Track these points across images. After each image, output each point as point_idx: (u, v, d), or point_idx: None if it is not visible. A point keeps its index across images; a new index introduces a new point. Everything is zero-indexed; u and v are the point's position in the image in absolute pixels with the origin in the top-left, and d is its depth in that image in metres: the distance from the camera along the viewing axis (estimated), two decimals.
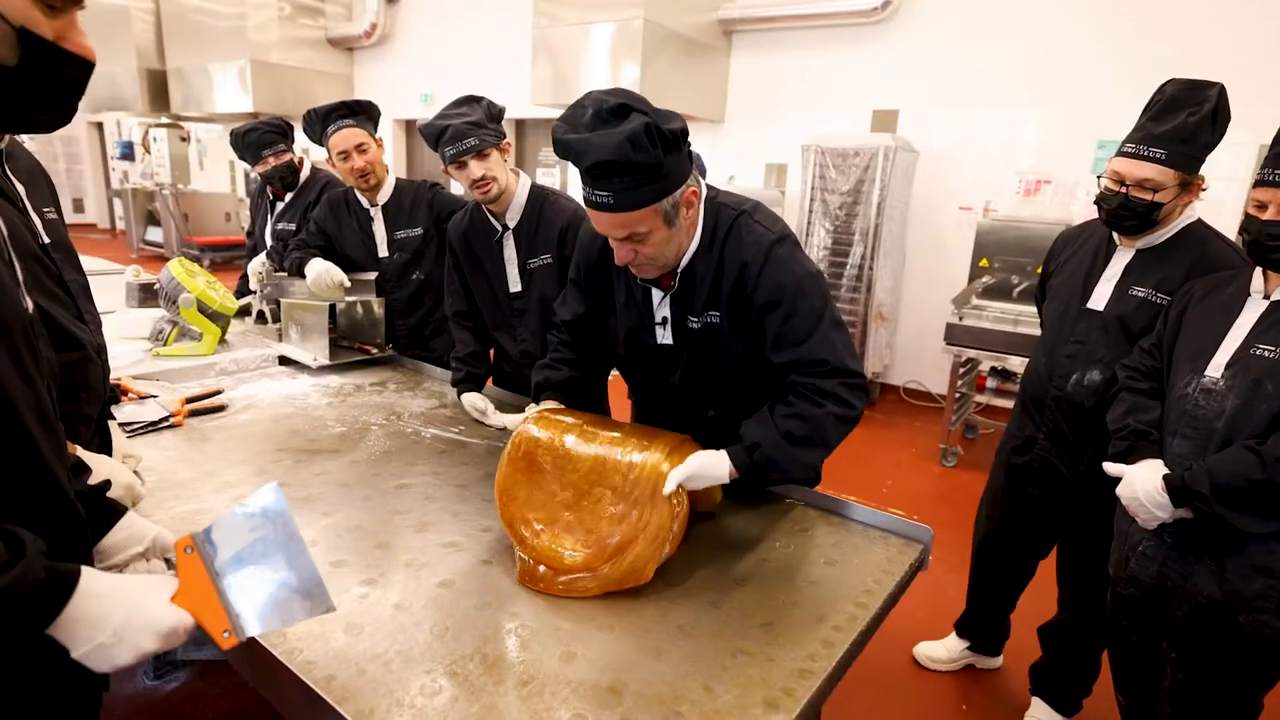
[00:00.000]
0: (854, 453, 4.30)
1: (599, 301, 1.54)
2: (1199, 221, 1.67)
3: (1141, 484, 1.41)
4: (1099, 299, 1.73)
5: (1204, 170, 1.61)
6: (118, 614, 0.74)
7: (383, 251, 2.44)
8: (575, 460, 1.27)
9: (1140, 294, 1.67)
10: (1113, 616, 1.68)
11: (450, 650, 0.98)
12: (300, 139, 3.20)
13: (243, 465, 1.55)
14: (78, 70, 0.74)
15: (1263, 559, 1.34)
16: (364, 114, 2.33)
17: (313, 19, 8.02)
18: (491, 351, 2.18)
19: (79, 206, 13.05)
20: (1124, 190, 1.60)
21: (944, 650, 2.30)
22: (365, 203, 2.42)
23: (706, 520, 1.39)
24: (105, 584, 0.75)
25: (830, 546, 1.33)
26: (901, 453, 4.29)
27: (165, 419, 1.74)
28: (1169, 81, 1.58)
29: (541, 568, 1.17)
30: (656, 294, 1.39)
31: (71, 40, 0.73)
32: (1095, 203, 1.70)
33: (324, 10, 8.08)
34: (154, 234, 9.83)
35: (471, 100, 1.86)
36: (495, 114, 1.86)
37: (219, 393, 1.97)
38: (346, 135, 2.26)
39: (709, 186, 1.37)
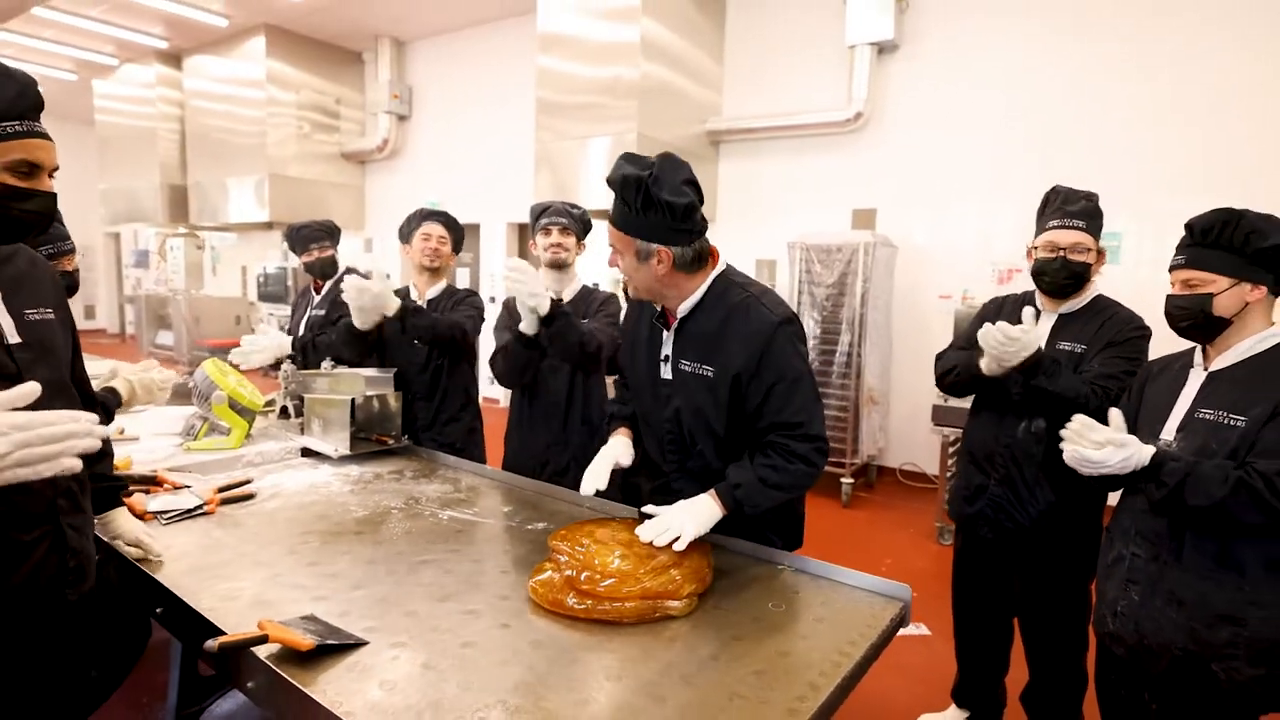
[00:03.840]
0: (855, 534, 4.37)
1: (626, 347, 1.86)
2: (1101, 294, 2.03)
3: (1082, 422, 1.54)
4: None
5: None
6: None
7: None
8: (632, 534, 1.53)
9: (1065, 347, 1.96)
10: (1100, 672, 1.77)
11: (476, 699, 1.09)
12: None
13: (274, 546, 1.67)
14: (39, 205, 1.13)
15: (1225, 608, 1.46)
16: (458, 232, 2.89)
17: (328, 135, 8.61)
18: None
19: (90, 313, 13.47)
20: (1062, 254, 1.94)
21: None
22: (415, 295, 2.80)
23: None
24: None
25: (818, 605, 1.45)
26: (900, 533, 4.35)
27: (199, 506, 1.87)
28: (1053, 188, 2.01)
29: (584, 574, 1.35)
30: (666, 334, 1.68)
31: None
32: (1034, 274, 2.00)
33: (339, 127, 8.69)
34: (164, 337, 10.10)
35: (575, 205, 2.57)
36: (586, 221, 2.57)
37: (248, 482, 2.10)
38: (436, 228, 2.79)
39: (727, 265, 1.71)
